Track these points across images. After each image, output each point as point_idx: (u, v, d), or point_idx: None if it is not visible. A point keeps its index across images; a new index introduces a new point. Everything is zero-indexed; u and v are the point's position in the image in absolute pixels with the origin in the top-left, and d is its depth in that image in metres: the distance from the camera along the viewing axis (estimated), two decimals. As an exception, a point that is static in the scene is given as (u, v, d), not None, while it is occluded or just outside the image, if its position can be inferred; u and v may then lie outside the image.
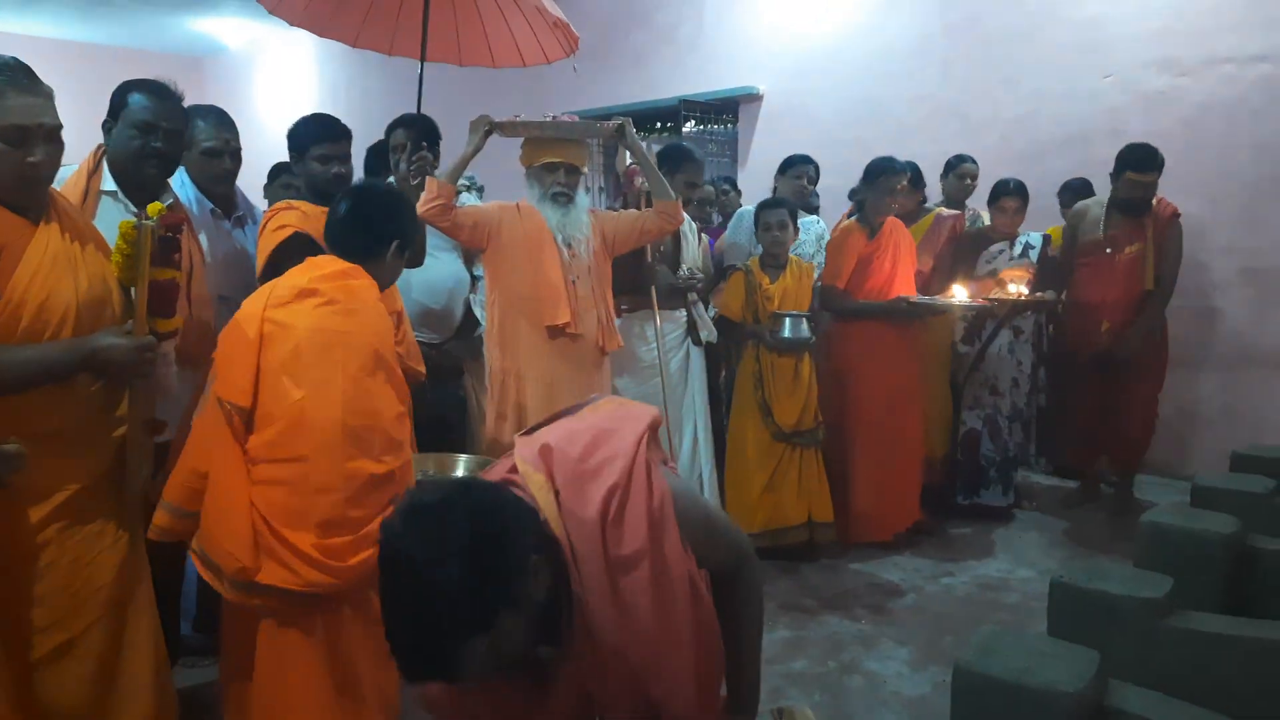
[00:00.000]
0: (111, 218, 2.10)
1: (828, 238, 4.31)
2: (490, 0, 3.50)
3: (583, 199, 3.02)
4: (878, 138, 5.87)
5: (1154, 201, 4.07)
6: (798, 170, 4.27)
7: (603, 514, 1.31)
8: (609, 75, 7.13)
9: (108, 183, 2.28)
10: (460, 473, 2.44)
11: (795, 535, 3.63)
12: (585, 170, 3.06)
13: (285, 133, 2.91)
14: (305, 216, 2.62)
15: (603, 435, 1.40)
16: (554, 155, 2.91)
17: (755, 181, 5.85)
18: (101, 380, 1.82)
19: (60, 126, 1.78)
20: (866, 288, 3.79)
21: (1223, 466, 4.65)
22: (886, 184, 3.76)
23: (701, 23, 6.74)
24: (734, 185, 5.28)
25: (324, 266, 2.08)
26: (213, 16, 9.44)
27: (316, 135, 2.78)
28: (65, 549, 1.81)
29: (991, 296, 3.90)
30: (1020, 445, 4.28)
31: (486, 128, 2.87)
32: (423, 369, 2.58)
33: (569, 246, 2.93)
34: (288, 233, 2.56)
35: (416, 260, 2.87)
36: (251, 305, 2.00)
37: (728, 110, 6.59)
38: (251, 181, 3.55)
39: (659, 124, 7.18)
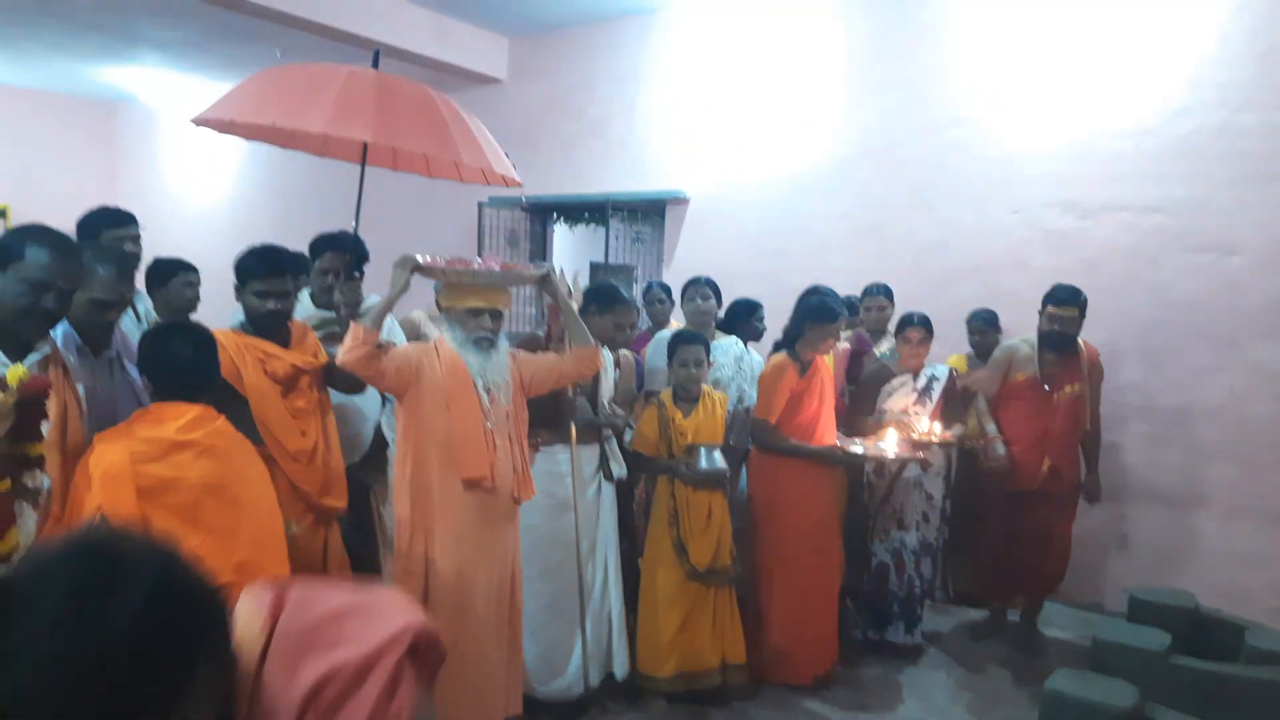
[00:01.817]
0: None
1: (747, 358, 4.34)
2: (441, 113, 3.45)
3: (503, 341, 2.96)
4: (799, 250, 6.02)
5: (1081, 342, 4.24)
6: (691, 293, 4.34)
7: (309, 696, 0.99)
8: (538, 163, 7.13)
9: None
10: None
11: (708, 679, 3.57)
12: (505, 311, 2.99)
13: (194, 196, 2.83)
14: (224, 348, 2.65)
15: (362, 609, 1.08)
16: (479, 300, 2.84)
17: (681, 281, 5.87)
18: None
19: None
20: (796, 423, 3.82)
21: (1118, 596, 4.84)
22: (829, 330, 3.80)
23: (632, 121, 6.82)
24: (669, 293, 5.19)
25: (179, 416, 2.19)
26: (128, 65, 9.13)
27: (256, 270, 2.82)
28: None
29: (916, 439, 3.95)
30: (929, 581, 4.31)
31: (412, 268, 2.78)
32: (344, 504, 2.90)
33: (488, 392, 2.85)
34: None
35: (359, 387, 2.94)
36: (111, 461, 2.03)
37: (655, 211, 6.65)
38: (158, 240, 3.54)
39: (587, 215, 7.20)
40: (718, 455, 3.62)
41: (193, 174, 10.38)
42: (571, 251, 8.73)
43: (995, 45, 5.27)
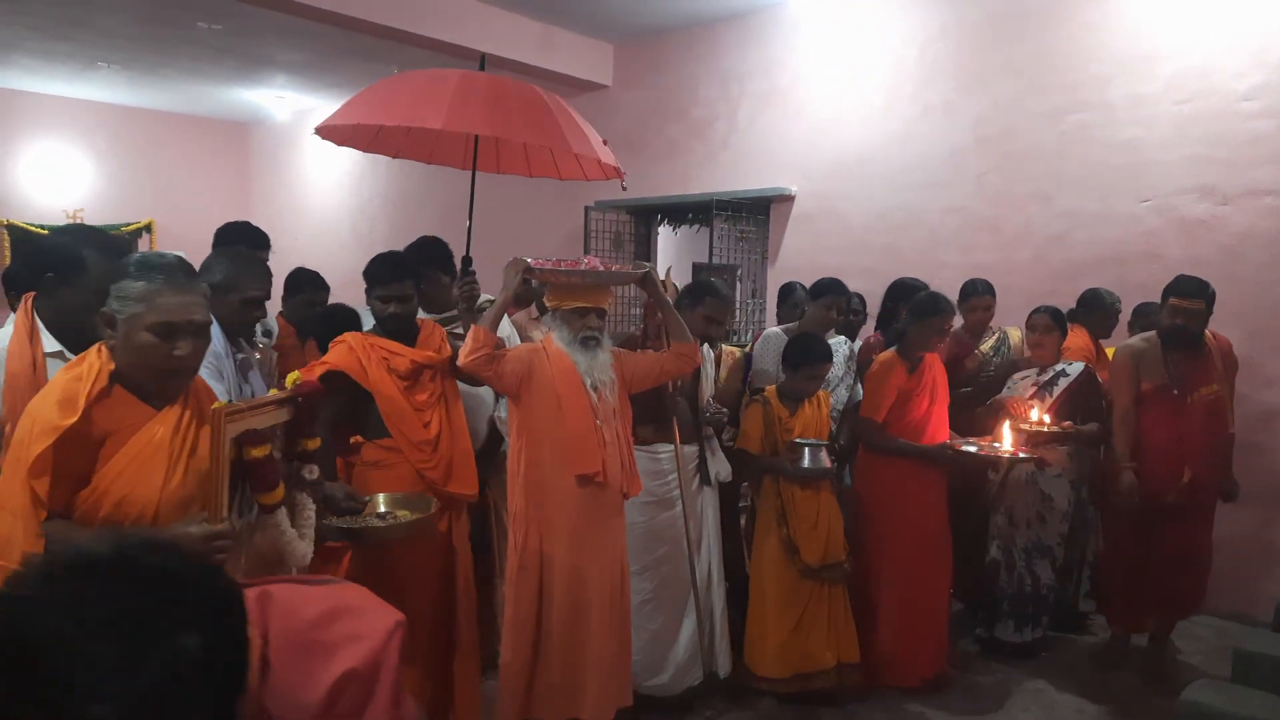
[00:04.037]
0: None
1: (854, 356, 4.27)
2: (548, 107, 3.58)
3: (607, 340, 3.01)
4: (909, 246, 5.87)
5: (1210, 336, 3.86)
6: (828, 300, 4.14)
7: (328, 702, 0.99)
8: (642, 166, 7.20)
9: (50, 344, 2.13)
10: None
11: (825, 680, 3.52)
12: (608, 310, 3.05)
13: (320, 209, 3.05)
14: (352, 349, 2.88)
15: (346, 609, 1.09)
16: (585, 300, 2.91)
17: (785, 279, 5.83)
18: None
19: (208, 322, 1.89)
20: (904, 422, 3.72)
21: (1265, 606, 4.51)
22: (935, 325, 3.70)
23: (735, 120, 6.80)
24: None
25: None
26: (258, 87, 9.69)
27: (379, 276, 2.98)
28: None
29: (1019, 426, 3.80)
30: (1048, 585, 4.10)
31: (523, 270, 2.86)
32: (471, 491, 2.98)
33: (596, 390, 2.90)
34: (322, 369, 2.81)
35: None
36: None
37: (759, 209, 6.61)
38: (288, 251, 3.78)
39: (690, 215, 7.22)
40: (823, 454, 3.55)
41: (318, 188, 10.93)
42: (676, 253, 8.78)
43: (1117, 23, 5.01)
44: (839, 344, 4.22)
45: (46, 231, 9.99)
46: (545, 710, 2.87)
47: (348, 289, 6.81)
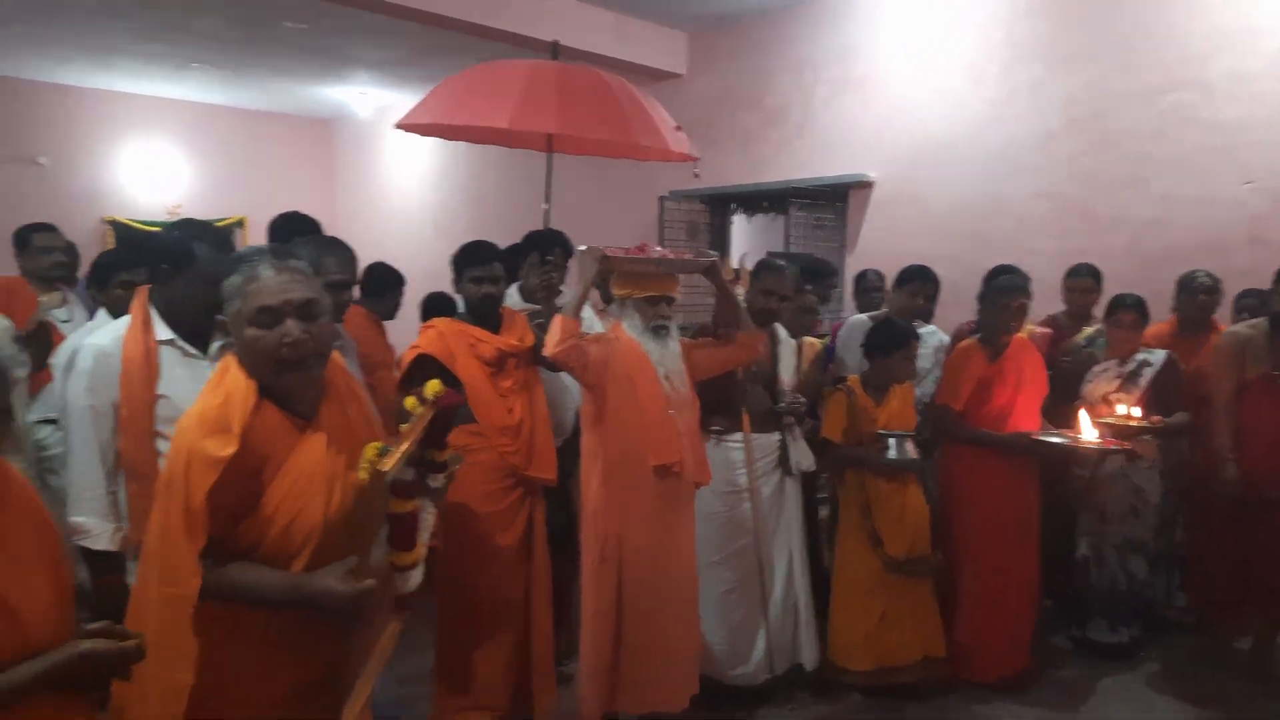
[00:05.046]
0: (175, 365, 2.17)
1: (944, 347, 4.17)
2: (617, 99, 3.65)
3: (675, 330, 3.02)
4: (997, 233, 5.72)
5: None
6: (914, 287, 4.06)
7: None
8: (716, 156, 7.16)
9: (163, 332, 2.20)
10: None
11: (909, 674, 3.47)
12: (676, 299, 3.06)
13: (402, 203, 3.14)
14: (441, 335, 2.96)
15: None
16: (656, 289, 2.92)
17: (865, 267, 5.73)
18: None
19: (316, 298, 1.74)
20: (984, 411, 3.62)
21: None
22: (999, 302, 3.60)
23: (811, 107, 6.71)
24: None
25: None
26: (343, 84, 9.94)
27: (471, 259, 3.07)
28: None
29: (1105, 420, 3.66)
30: (1143, 582, 3.95)
31: (599, 258, 2.87)
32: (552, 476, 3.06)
33: (668, 380, 2.91)
34: (414, 353, 2.96)
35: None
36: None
37: (837, 197, 6.51)
38: (373, 245, 3.90)
39: (766, 204, 7.15)
40: (909, 445, 3.49)
41: (401, 182, 11.18)
42: (751, 242, 8.71)
43: (1219, -5, 4.77)
44: (929, 334, 4.14)
45: (147, 227, 10.46)
46: (628, 702, 2.89)
47: (432, 282, 6.96)
